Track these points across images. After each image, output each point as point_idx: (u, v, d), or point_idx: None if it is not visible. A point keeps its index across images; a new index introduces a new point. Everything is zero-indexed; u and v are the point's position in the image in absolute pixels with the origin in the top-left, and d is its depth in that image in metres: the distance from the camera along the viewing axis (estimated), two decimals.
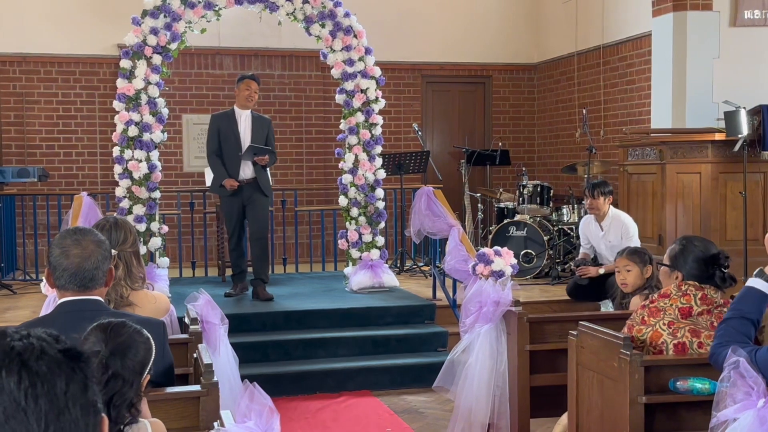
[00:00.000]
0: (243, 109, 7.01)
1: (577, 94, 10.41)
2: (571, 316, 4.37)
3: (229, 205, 7.00)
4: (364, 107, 7.46)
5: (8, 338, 0.94)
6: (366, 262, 7.36)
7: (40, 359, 0.93)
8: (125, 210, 6.92)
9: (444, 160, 10.85)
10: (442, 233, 6.61)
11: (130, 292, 3.15)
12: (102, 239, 2.49)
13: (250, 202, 6.96)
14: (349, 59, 7.43)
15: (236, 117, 6.99)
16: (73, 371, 0.95)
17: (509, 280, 4.99)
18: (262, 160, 6.91)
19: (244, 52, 10.24)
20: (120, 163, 6.96)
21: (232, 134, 6.94)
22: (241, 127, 6.97)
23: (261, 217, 7.01)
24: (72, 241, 2.43)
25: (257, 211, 6.99)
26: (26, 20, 9.73)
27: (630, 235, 6.36)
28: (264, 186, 6.98)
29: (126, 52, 7.00)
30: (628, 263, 4.48)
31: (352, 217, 7.47)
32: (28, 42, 9.73)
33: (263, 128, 7.04)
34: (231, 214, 7.03)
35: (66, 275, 2.42)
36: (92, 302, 2.44)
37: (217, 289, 7.16)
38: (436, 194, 6.91)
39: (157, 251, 7.01)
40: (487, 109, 11.40)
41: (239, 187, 6.91)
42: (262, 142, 6.97)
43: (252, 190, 6.95)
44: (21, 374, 0.91)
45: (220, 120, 7.02)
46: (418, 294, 7.19)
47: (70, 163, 9.94)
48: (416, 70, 10.98)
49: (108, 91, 9.62)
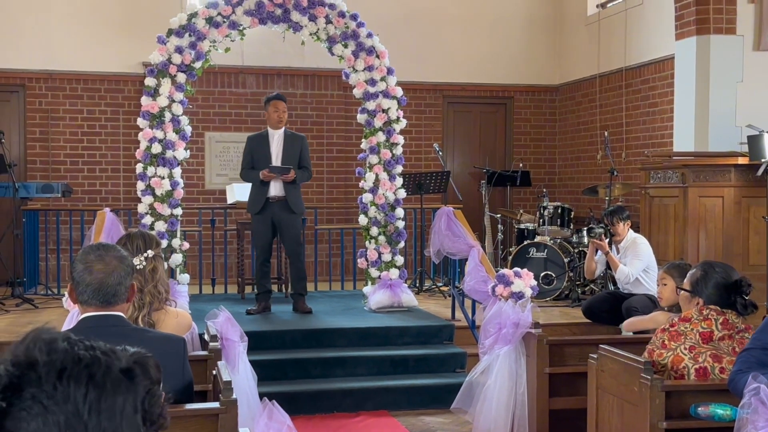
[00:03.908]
0: (276, 130, 7.11)
1: (598, 116, 10.34)
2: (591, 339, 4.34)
3: (259, 223, 7.08)
4: (385, 127, 7.48)
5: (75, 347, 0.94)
6: (385, 282, 7.36)
7: (106, 375, 0.94)
8: (147, 226, 6.94)
9: (464, 180, 10.85)
10: (461, 254, 6.59)
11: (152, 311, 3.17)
12: (124, 255, 2.51)
13: (280, 221, 7.04)
14: (371, 79, 7.47)
15: (269, 138, 7.10)
16: (129, 391, 0.96)
17: (529, 301, 4.98)
18: (287, 178, 6.97)
19: (267, 71, 10.33)
20: (143, 180, 7.01)
21: (263, 155, 7.05)
22: (273, 148, 7.08)
23: (293, 234, 7.10)
24: (95, 256, 2.45)
25: (289, 230, 7.08)
26: (52, 37, 9.81)
27: (636, 252, 6.35)
28: (293, 203, 7.05)
29: (151, 70, 7.05)
30: (665, 276, 4.32)
31: (371, 236, 7.47)
32: (54, 59, 9.81)
33: (296, 146, 7.11)
34: (260, 233, 7.10)
35: (89, 291, 2.43)
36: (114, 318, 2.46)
37: (237, 307, 7.16)
38: (456, 214, 6.91)
39: (178, 267, 7.03)
40: (508, 130, 11.37)
41: (269, 205, 7.00)
42: (294, 159, 7.04)
43: (281, 208, 7.02)
44: (89, 387, 0.92)
45: (254, 141, 7.15)
46: (437, 314, 7.17)
47: (94, 179, 10.03)
48: (438, 91, 11.00)
49: (132, 108, 9.72)
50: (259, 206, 7.04)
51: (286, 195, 7.03)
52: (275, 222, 7.05)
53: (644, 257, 6.38)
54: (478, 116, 11.30)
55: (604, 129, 9.72)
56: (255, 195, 7.10)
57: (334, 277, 9.15)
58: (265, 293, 7.17)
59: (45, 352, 0.92)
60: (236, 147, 10.20)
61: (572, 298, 8.00)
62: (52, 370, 0.91)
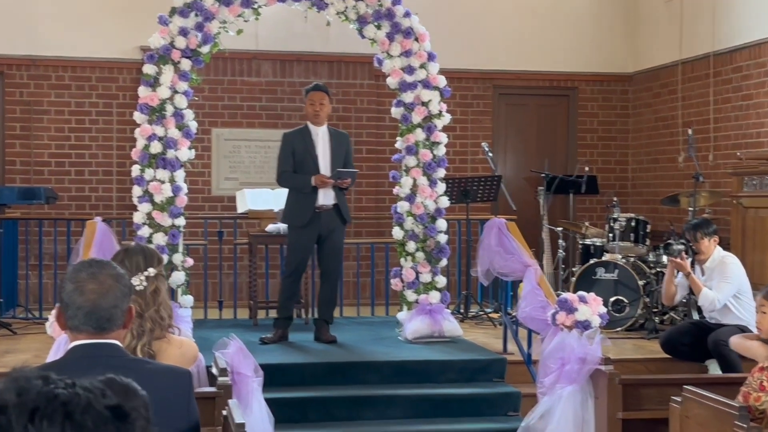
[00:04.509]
0: (317, 126, 7.20)
1: (680, 110, 10.30)
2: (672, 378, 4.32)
3: (302, 237, 7.15)
4: (425, 123, 7.49)
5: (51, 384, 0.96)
6: (424, 307, 7.36)
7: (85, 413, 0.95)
8: (144, 239, 6.93)
9: (519, 186, 10.81)
10: (515, 274, 6.59)
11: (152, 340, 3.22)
12: (121, 273, 2.54)
13: (329, 233, 7.14)
14: (409, 66, 7.47)
15: (312, 135, 7.18)
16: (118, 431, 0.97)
17: (597, 332, 4.97)
18: (344, 183, 7.09)
19: (285, 56, 10.37)
20: (140, 185, 7.03)
21: (309, 156, 7.13)
22: (319, 148, 7.17)
23: (338, 250, 7.26)
24: (87, 275, 2.47)
25: (335, 243, 7.21)
26: (36, 19, 9.89)
27: (725, 274, 6.28)
28: (345, 211, 7.22)
29: (150, 55, 7.06)
30: (764, 303, 4.32)
31: (408, 253, 7.48)
32: (37, 43, 9.90)
33: (342, 146, 7.23)
34: (298, 246, 7.19)
35: (80, 315, 2.45)
36: (109, 347, 2.48)
37: (248, 335, 7.16)
38: (510, 227, 6.90)
39: (180, 288, 7.03)
40: (571, 126, 11.37)
41: (318, 216, 7.09)
42: (341, 162, 7.14)
43: (332, 217, 7.14)
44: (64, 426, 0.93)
45: (294, 139, 7.22)
46: (485, 346, 7.18)
47: (83, 183, 10.07)
48: (487, 80, 10.99)
49: (128, 100, 9.76)
50: (305, 218, 7.10)
51: (338, 203, 7.16)
52: (322, 234, 7.15)
53: (734, 280, 6.33)
54: (536, 110, 11.31)
55: (688, 126, 9.66)
56: (300, 204, 7.14)
57: (363, 300, 9.16)
58: (286, 319, 7.27)
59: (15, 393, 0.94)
60: (248, 146, 10.41)
61: (648, 328, 7.94)
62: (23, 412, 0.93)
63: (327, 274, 7.26)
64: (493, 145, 10.60)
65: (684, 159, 9.47)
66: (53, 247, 9.04)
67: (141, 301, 3.24)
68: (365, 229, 10.27)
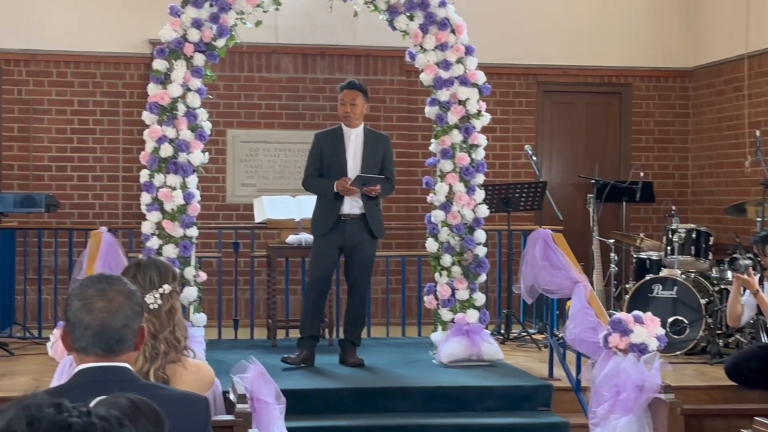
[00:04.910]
0: (350, 127, 7.25)
1: (747, 109, 10.22)
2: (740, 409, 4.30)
3: (324, 245, 7.20)
4: (462, 123, 7.50)
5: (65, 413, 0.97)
6: (460, 327, 7.37)
7: None
8: (153, 251, 6.99)
9: (566, 194, 10.80)
10: (562, 291, 6.61)
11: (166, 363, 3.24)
12: (133, 290, 2.56)
13: (355, 245, 7.18)
14: (444, 61, 7.47)
15: (344, 137, 7.24)
16: None
17: (656, 356, 4.94)
18: (371, 191, 7.09)
19: (309, 50, 10.39)
20: (148, 191, 7.07)
21: (337, 159, 7.19)
22: (350, 151, 7.22)
23: (366, 265, 7.28)
24: (96, 291, 2.49)
25: (362, 258, 7.24)
26: (36, 9, 9.91)
27: None
28: (373, 224, 7.20)
29: (161, 50, 7.10)
30: None
31: (443, 267, 7.48)
32: (37, 36, 9.92)
33: (378, 150, 7.27)
34: (322, 257, 7.24)
35: (88, 335, 2.46)
36: (119, 371, 2.49)
37: (267, 357, 7.00)
38: (556, 239, 6.90)
39: (192, 305, 7.06)
40: (624, 127, 11.33)
41: (342, 224, 7.13)
42: (375, 167, 7.18)
43: (358, 228, 7.17)
44: None
45: (324, 141, 7.30)
46: (528, 371, 7.19)
47: (86, 189, 10.10)
48: (531, 76, 10.99)
49: (136, 98, 9.83)
50: (327, 226, 7.16)
51: (366, 213, 7.17)
52: (345, 246, 7.20)
53: None
54: (585, 109, 11.30)
55: (755, 127, 9.59)
56: (323, 212, 7.23)
57: (393, 319, 9.20)
58: (310, 339, 7.28)
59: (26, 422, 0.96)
60: (266, 149, 10.47)
61: (711, 352, 7.88)
62: None
63: (353, 290, 7.33)
64: (537, 148, 10.61)
65: (751, 163, 9.39)
66: (54, 259, 9.07)
67: (155, 321, 3.25)
68: (395, 241, 10.23)
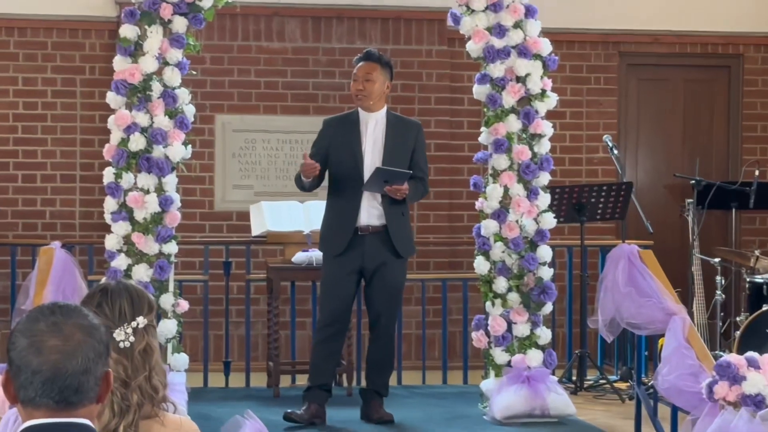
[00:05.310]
0: (368, 111, 7.25)
1: None
2: None
3: (338, 269, 7.22)
4: (521, 107, 7.48)
5: None
6: (519, 373, 7.32)
7: None
8: (120, 272, 6.99)
9: (656, 198, 10.88)
10: (653, 325, 6.60)
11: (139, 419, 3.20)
12: (95, 324, 2.52)
13: (376, 268, 7.18)
14: (498, 25, 7.46)
15: (359, 124, 7.27)
16: None
17: None
18: (396, 191, 7.02)
19: (320, 11, 10.37)
20: (114, 195, 7.10)
21: (350, 153, 7.21)
22: (368, 141, 7.26)
23: (391, 293, 7.27)
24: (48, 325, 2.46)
25: (386, 284, 7.22)
26: None
27: None
28: (398, 239, 7.18)
29: (130, 12, 7.12)
30: None
31: (496, 294, 7.46)
32: None
33: (406, 140, 7.28)
34: (336, 286, 7.25)
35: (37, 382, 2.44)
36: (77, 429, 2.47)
37: (267, 412, 7.18)
38: (644, 258, 6.85)
39: (170, 343, 7.10)
40: (733, 112, 11.31)
41: (360, 240, 7.13)
42: (403, 163, 7.16)
43: (379, 245, 7.16)
44: None
45: (333, 129, 7.36)
46: (609, 430, 7.27)
47: (33, 192, 10.14)
48: (611, 45, 11.00)
49: (98, 75, 9.90)
50: (341, 243, 7.17)
51: (388, 224, 7.15)
52: (365, 269, 7.20)
53: None
54: (682, 88, 11.27)
55: None
56: (335, 224, 7.26)
57: (431, 362, 9.25)
58: (321, 390, 7.26)
59: None
60: (267, 140, 10.53)
61: None
62: None
63: (376, 326, 7.33)
64: (619, 139, 10.67)
65: None
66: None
67: (126, 364, 3.22)
68: (434, 260, 10.28)
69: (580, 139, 10.88)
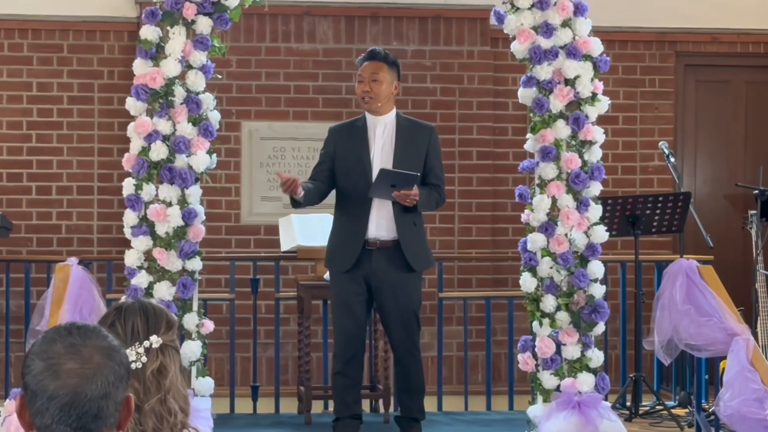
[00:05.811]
0: (375, 115, 7.23)
1: None
2: None
3: (345, 288, 7.23)
4: (570, 111, 7.41)
5: None
6: (569, 398, 7.20)
7: None
8: (140, 290, 7.01)
9: (716, 209, 10.95)
10: (714, 347, 6.68)
11: None
12: (114, 345, 2.54)
13: (384, 287, 7.15)
14: (546, 24, 7.38)
15: (367, 130, 7.27)
16: None
17: None
18: (404, 196, 6.91)
19: (353, 10, 10.45)
20: (134, 208, 7.07)
21: (356, 160, 7.23)
22: (376, 147, 7.23)
23: (405, 315, 7.20)
24: (65, 347, 2.47)
25: (399, 303, 7.18)
26: None
27: None
28: (411, 252, 7.14)
29: (151, 11, 7.12)
30: None
31: (544, 313, 7.38)
32: None
33: (417, 145, 7.27)
34: (345, 306, 7.26)
35: (54, 408, 2.45)
36: None
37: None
38: (704, 274, 6.90)
39: (194, 366, 7.12)
40: None
41: (368, 255, 7.13)
42: (414, 167, 7.10)
43: (388, 261, 7.15)
44: None
45: (339, 136, 7.39)
46: None
47: (48, 205, 10.17)
48: (666, 44, 10.98)
49: (116, 80, 9.98)
50: (350, 258, 7.12)
51: (399, 236, 7.05)
52: (373, 286, 7.15)
53: None
54: (744, 91, 11.28)
55: None
56: (342, 238, 7.28)
57: (474, 386, 9.33)
58: (349, 420, 7.31)
59: None
60: (296, 148, 10.52)
61: None
62: None
63: (398, 349, 7.36)
64: (676, 146, 10.71)
65: None
66: (5, 301, 9.41)
67: (138, 386, 3.23)
68: (476, 276, 10.36)
69: (634, 146, 10.90)
